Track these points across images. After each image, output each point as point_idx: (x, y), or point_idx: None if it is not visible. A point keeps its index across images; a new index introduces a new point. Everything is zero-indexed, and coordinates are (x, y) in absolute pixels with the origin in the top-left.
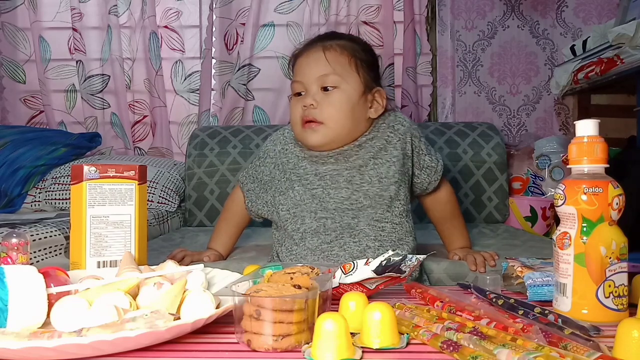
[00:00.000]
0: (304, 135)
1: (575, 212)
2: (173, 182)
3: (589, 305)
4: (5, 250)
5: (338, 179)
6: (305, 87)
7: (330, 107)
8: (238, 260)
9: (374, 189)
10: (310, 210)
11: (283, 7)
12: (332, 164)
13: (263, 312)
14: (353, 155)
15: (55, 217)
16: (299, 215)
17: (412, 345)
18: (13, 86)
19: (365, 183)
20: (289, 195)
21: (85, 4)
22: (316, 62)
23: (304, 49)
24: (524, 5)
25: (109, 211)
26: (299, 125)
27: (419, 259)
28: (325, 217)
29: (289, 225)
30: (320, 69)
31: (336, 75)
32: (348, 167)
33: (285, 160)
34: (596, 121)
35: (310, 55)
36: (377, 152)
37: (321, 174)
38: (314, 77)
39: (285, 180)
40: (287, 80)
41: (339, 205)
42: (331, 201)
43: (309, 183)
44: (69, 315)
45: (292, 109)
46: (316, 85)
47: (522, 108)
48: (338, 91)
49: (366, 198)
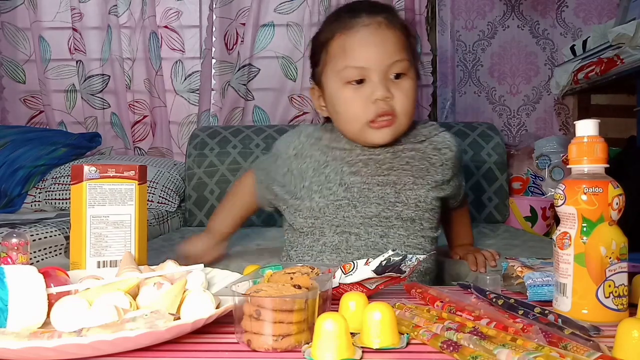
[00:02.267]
0: (370, 134)
1: (575, 212)
2: (173, 182)
3: (589, 305)
4: (5, 250)
5: (368, 195)
6: (367, 73)
7: (405, 98)
8: (238, 260)
9: (408, 212)
10: (332, 223)
11: (283, 7)
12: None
13: (263, 312)
14: (386, 163)
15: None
16: (317, 227)
17: (412, 345)
18: (13, 86)
19: (400, 203)
20: (306, 205)
21: (85, 4)
22: (387, 44)
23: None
24: (524, 5)
25: (109, 211)
26: (363, 122)
27: (419, 259)
28: (349, 232)
29: (306, 237)
30: (393, 53)
31: (406, 60)
32: (380, 182)
33: (304, 166)
34: (596, 121)
35: (376, 34)
36: (418, 173)
37: (348, 185)
38: (384, 63)
39: (302, 189)
40: (287, 80)
41: (367, 220)
42: (358, 216)
43: (332, 194)
44: (69, 315)
45: (353, 102)
46: (383, 72)
47: (522, 108)
48: (408, 79)
49: (398, 219)
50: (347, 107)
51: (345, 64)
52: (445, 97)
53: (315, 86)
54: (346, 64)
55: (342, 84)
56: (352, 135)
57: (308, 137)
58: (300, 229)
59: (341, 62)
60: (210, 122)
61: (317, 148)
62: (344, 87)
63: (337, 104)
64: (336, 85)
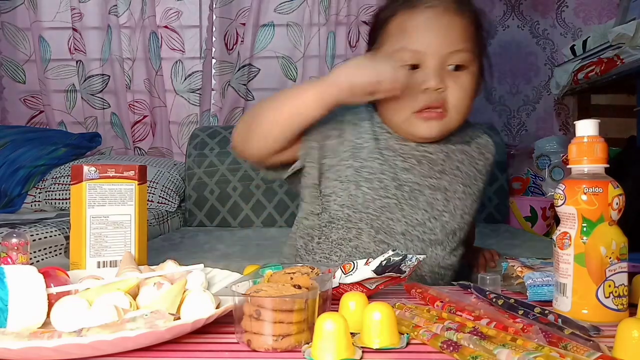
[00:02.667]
0: (416, 126)
1: (575, 212)
2: (173, 182)
3: (589, 305)
4: (5, 250)
5: (418, 197)
6: (422, 59)
7: (461, 92)
8: (238, 260)
9: (453, 223)
10: (373, 225)
11: (283, 7)
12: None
13: (263, 312)
14: (439, 164)
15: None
16: (354, 223)
17: (412, 345)
18: (13, 86)
19: (447, 213)
20: (349, 190)
21: (85, 4)
22: (450, 30)
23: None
24: (524, 5)
25: (108, 211)
26: (409, 112)
27: (419, 259)
28: (387, 243)
29: (335, 228)
30: (455, 42)
31: (470, 52)
32: (432, 185)
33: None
34: (596, 121)
35: (441, 18)
36: (467, 181)
37: (401, 181)
38: (444, 52)
39: (350, 168)
40: (287, 80)
41: (410, 229)
42: (403, 221)
43: (383, 188)
44: (69, 315)
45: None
46: (441, 61)
47: (522, 108)
48: (467, 73)
49: (442, 231)
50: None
51: (402, 45)
52: None
53: None
54: (402, 45)
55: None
56: (396, 125)
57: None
58: (330, 217)
59: (397, 43)
60: (211, 122)
61: (369, 128)
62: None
63: None
64: None
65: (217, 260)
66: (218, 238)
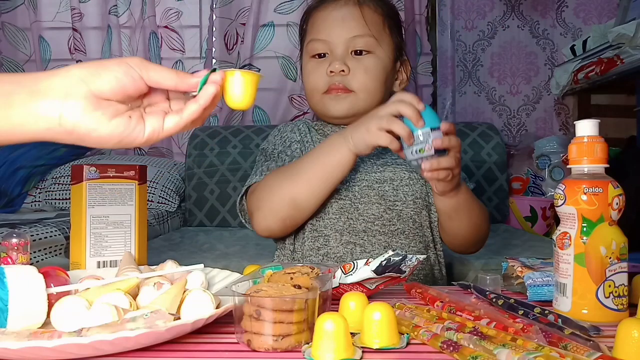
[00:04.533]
0: (326, 103)
1: (575, 212)
2: (173, 182)
3: (589, 305)
4: (5, 250)
5: (369, 193)
6: (330, 48)
7: (364, 74)
8: (238, 260)
9: (408, 210)
10: (337, 229)
11: (283, 7)
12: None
13: (263, 312)
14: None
15: (55, 217)
16: (321, 233)
17: (412, 345)
18: None
19: (399, 201)
20: None
21: (85, 4)
22: (349, 19)
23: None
24: (524, 5)
25: (109, 211)
26: (319, 93)
27: (419, 259)
28: (353, 243)
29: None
30: (354, 28)
31: (372, 37)
32: (378, 178)
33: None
34: (596, 121)
35: (341, 9)
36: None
37: (349, 182)
38: (345, 37)
39: None
40: (287, 81)
41: (370, 225)
42: (360, 219)
43: (335, 192)
44: (69, 315)
45: (312, 74)
46: (345, 47)
47: (522, 108)
48: (372, 57)
49: (400, 220)
50: (308, 79)
51: (310, 37)
52: (445, 97)
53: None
54: (311, 37)
55: (309, 58)
56: (314, 107)
57: (306, 124)
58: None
59: (309, 36)
60: (210, 122)
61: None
62: (309, 60)
63: (304, 77)
64: (305, 58)
65: (217, 260)
66: (218, 238)
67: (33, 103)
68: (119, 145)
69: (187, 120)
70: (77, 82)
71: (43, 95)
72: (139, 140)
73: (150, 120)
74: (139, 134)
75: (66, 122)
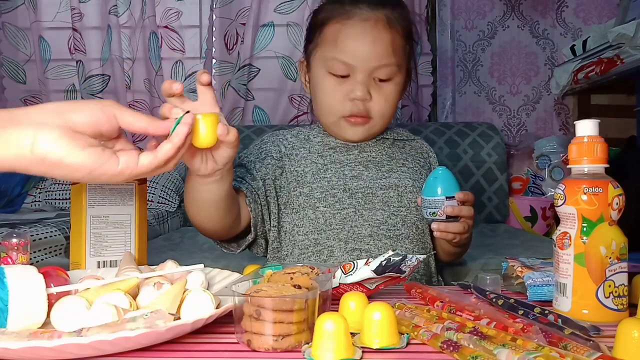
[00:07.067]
0: (343, 127)
1: (575, 212)
2: (173, 182)
3: (589, 305)
4: (5, 250)
5: (372, 199)
6: (352, 70)
7: (384, 102)
8: (238, 260)
9: (411, 216)
10: (341, 238)
11: (283, 7)
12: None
13: (263, 312)
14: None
15: (55, 217)
16: (325, 246)
17: (412, 345)
18: (13, 86)
19: (403, 207)
20: (308, 216)
21: (85, 4)
22: (378, 43)
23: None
24: (524, 5)
25: (109, 211)
26: (337, 116)
27: (419, 259)
28: (359, 249)
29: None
30: (382, 57)
31: (396, 66)
32: (384, 185)
33: (300, 170)
34: (596, 121)
35: (371, 31)
36: (415, 175)
37: (352, 190)
38: (371, 66)
39: (300, 196)
40: (287, 81)
41: (375, 230)
42: (365, 224)
43: (337, 202)
44: (69, 315)
45: (330, 95)
46: (370, 73)
47: (522, 108)
48: (392, 84)
49: (404, 225)
50: (326, 98)
51: (334, 55)
52: (445, 97)
53: (304, 60)
54: (334, 56)
55: (327, 73)
56: (327, 126)
57: (296, 136)
58: (300, 250)
59: (330, 51)
60: None
61: (310, 148)
62: (327, 76)
63: (318, 92)
64: (321, 72)
65: (217, 260)
66: None
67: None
68: (90, 176)
69: (160, 159)
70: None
71: (17, 123)
72: (112, 172)
73: (123, 155)
74: (112, 166)
75: (38, 149)
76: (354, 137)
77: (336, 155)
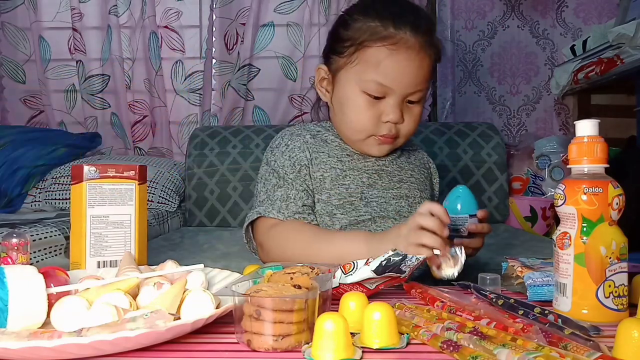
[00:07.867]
0: (371, 145)
1: (575, 212)
2: (173, 182)
3: (589, 305)
4: (5, 250)
5: (387, 208)
6: (388, 92)
7: (412, 123)
8: (238, 260)
9: None
10: None
11: (283, 7)
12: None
13: (263, 312)
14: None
15: (55, 217)
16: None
17: (412, 345)
18: (13, 86)
19: None
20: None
21: (85, 4)
22: (419, 71)
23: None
24: (524, 5)
25: (109, 211)
26: (367, 134)
27: (419, 259)
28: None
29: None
30: (420, 83)
31: (426, 89)
32: (396, 195)
33: (319, 175)
34: (596, 121)
35: (413, 60)
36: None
37: (368, 198)
38: (408, 90)
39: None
40: (287, 81)
41: None
42: (379, 231)
43: (354, 209)
44: (69, 315)
45: (364, 114)
46: (405, 97)
47: (522, 108)
48: (419, 105)
49: None
50: (357, 116)
51: (374, 78)
52: (445, 97)
53: (324, 67)
54: (374, 78)
55: (361, 91)
56: (350, 140)
57: (314, 137)
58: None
59: (371, 73)
60: (211, 122)
61: (329, 152)
62: (360, 94)
63: (348, 107)
64: (354, 89)
65: (217, 260)
66: (218, 238)
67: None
68: None
69: None
70: None
71: None
72: None
73: None
74: None
75: None
76: (379, 154)
77: (354, 162)
